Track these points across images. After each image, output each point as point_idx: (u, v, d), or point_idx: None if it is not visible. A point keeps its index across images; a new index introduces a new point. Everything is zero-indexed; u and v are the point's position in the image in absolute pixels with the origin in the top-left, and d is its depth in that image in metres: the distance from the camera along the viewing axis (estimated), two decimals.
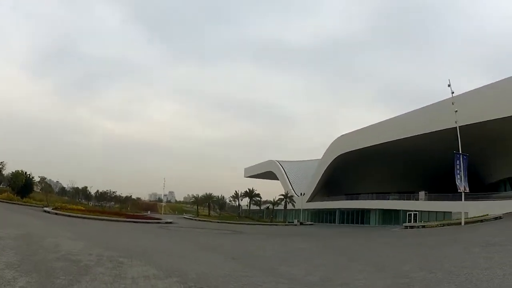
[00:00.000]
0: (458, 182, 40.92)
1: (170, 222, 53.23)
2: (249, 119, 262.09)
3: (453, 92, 43.13)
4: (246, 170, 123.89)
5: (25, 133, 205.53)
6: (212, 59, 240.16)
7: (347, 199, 79.10)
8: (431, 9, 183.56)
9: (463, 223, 36.98)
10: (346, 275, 13.10)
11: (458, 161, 41.31)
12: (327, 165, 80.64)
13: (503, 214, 37.64)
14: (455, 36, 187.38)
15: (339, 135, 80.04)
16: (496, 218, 36.57)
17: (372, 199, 72.37)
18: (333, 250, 23.50)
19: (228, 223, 65.80)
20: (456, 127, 42.47)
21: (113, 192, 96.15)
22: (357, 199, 76.71)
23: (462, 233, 30.10)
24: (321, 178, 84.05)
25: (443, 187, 58.03)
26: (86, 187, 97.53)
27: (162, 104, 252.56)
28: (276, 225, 69.97)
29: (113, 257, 13.44)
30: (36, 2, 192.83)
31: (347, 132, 78.27)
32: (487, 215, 39.00)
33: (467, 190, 41.62)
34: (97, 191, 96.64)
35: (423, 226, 42.11)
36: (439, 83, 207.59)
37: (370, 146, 66.40)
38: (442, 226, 39.79)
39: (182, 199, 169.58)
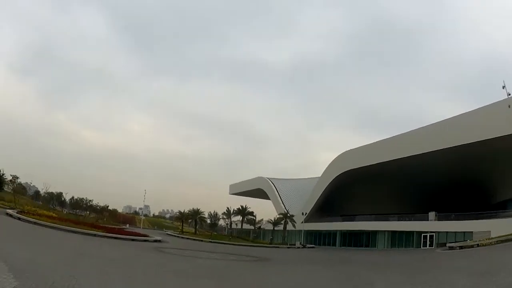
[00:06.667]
0: None
1: (159, 241, 41.09)
2: (222, 137, 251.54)
3: (509, 94, 38.15)
4: (231, 186, 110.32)
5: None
6: (191, 75, 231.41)
7: (343, 221, 68.82)
8: (408, 36, 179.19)
9: None
10: None
11: None
12: (328, 183, 69.81)
13: None
14: (434, 62, 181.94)
15: (343, 151, 69.35)
16: None
17: (370, 220, 63.23)
18: None
19: (223, 243, 53.56)
20: None
21: (89, 200, 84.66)
22: (353, 220, 66.87)
23: None
24: (320, 197, 72.12)
25: (445, 208, 52.70)
26: (61, 193, 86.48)
27: (139, 116, 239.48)
28: (277, 247, 56.84)
29: None
30: (26, 4, 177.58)
31: (347, 150, 68.54)
32: None
33: None
34: (72, 197, 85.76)
35: (478, 245, 34.10)
36: (416, 109, 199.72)
37: (378, 163, 57.92)
38: (502, 242, 32.54)
39: (157, 213, 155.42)
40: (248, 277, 17.06)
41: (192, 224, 76.60)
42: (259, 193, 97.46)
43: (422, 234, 52.27)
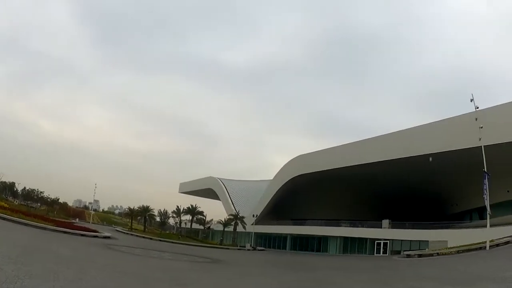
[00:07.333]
0: (486, 203, 33.95)
1: (109, 237, 40.58)
2: (178, 135, 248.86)
3: (477, 107, 35.87)
4: (181, 185, 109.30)
5: None
6: (150, 71, 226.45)
7: (294, 224, 69.29)
8: (368, 45, 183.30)
9: (488, 247, 30.79)
10: None
11: (485, 180, 34.18)
12: (280, 186, 70.30)
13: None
14: (396, 72, 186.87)
15: (297, 155, 70.15)
16: (507, 243, 31.68)
17: (321, 225, 63.23)
18: None
19: (172, 242, 53.24)
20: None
21: (41, 192, 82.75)
22: (303, 224, 67.39)
23: None
24: (271, 199, 72.69)
25: (400, 216, 52.80)
26: (13, 183, 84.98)
27: (94, 109, 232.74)
28: (228, 248, 56.86)
29: None
30: None
31: (301, 154, 69.17)
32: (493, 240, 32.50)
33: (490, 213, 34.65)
34: (24, 188, 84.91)
35: (437, 254, 33.95)
36: (372, 117, 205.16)
37: (331, 169, 58.07)
38: (462, 252, 32.34)
39: (106, 209, 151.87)
40: (207, 281, 16.65)
41: (142, 221, 75.29)
42: (209, 193, 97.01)
43: (376, 241, 52.83)
